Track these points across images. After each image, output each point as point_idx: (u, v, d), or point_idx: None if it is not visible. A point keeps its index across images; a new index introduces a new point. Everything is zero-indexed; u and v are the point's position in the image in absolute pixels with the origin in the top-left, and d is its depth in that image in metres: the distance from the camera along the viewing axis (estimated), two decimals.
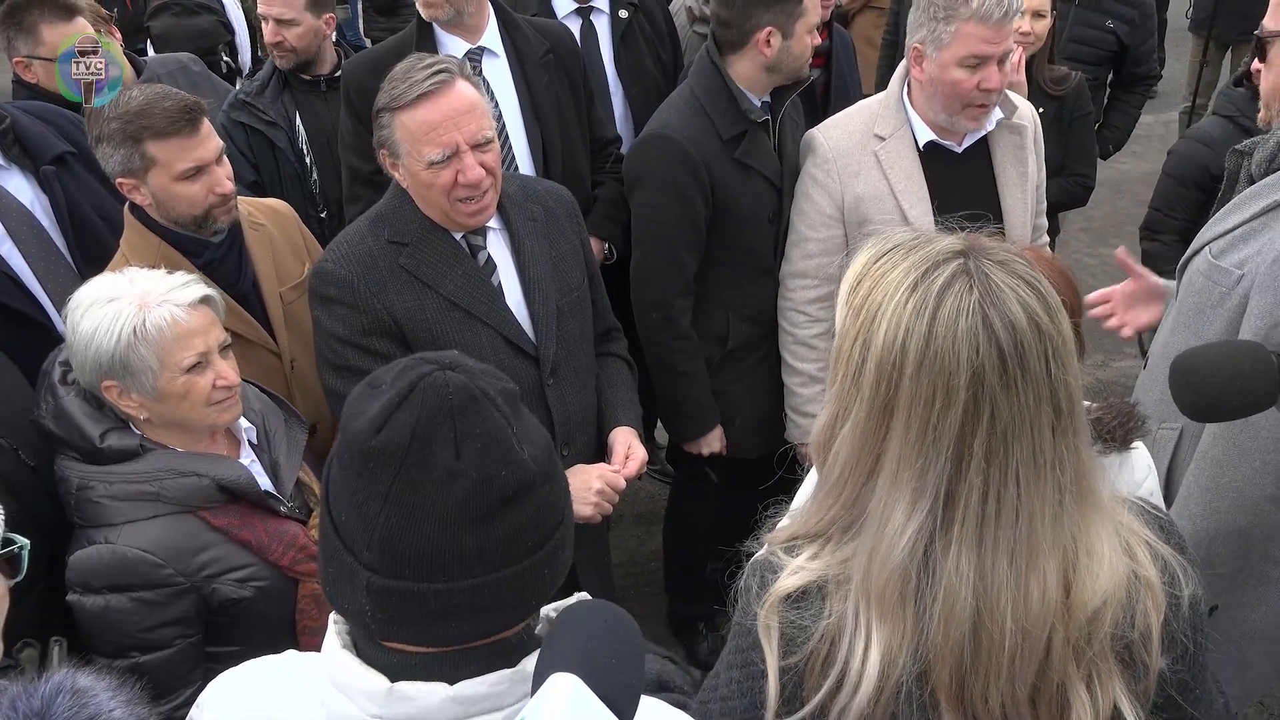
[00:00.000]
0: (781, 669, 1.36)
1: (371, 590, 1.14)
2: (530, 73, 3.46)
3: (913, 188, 3.00)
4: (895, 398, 1.29)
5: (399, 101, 2.42)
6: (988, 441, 1.26)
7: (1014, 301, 1.27)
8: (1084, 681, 1.32)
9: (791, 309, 3.25)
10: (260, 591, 2.27)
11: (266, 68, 3.85)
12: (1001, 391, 1.26)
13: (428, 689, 1.15)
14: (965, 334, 1.25)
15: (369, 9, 8.47)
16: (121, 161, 2.56)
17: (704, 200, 3.15)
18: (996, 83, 2.85)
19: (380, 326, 2.54)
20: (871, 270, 1.35)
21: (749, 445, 3.47)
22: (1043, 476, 1.29)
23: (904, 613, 1.30)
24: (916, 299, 1.28)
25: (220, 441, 2.37)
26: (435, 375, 1.16)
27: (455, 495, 1.11)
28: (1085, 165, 4.24)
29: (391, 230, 2.57)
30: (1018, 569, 1.28)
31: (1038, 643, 1.30)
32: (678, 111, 3.20)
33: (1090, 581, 1.30)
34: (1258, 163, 2.40)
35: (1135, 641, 1.34)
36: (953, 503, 1.28)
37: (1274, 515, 2.27)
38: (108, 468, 2.20)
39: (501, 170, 2.57)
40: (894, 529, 1.29)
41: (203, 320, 2.21)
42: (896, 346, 1.27)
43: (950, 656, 1.29)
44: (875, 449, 1.32)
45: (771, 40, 3.08)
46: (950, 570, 1.28)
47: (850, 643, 1.32)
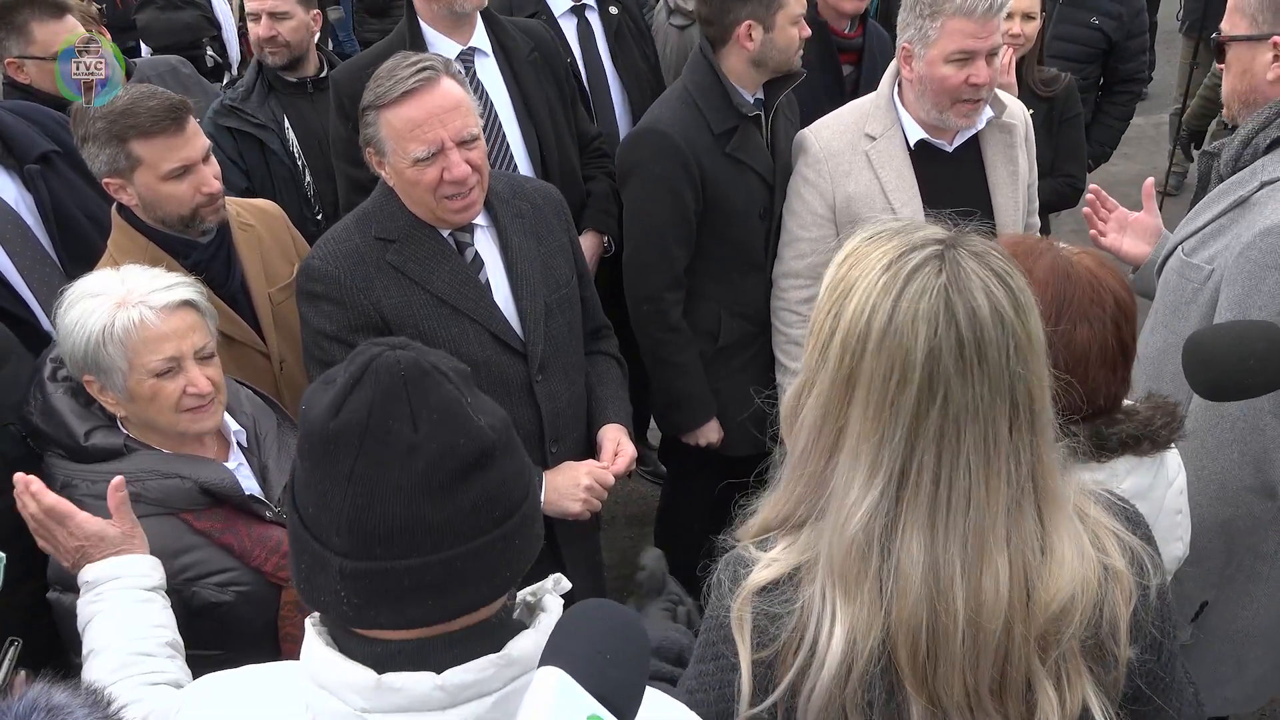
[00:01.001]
0: (754, 662, 1.37)
1: (345, 575, 1.13)
2: (520, 71, 3.48)
3: (904, 187, 3.01)
4: (857, 371, 1.31)
5: (384, 99, 2.42)
6: (940, 424, 1.29)
7: (980, 291, 1.29)
8: (1051, 680, 1.33)
9: (784, 309, 3.25)
10: (241, 596, 2.25)
11: (250, 72, 3.82)
12: (956, 376, 1.28)
13: (415, 679, 1.14)
14: (925, 313, 1.28)
15: (360, 10, 8.45)
16: (107, 161, 2.56)
17: (694, 194, 3.16)
18: (985, 78, 2.86)
19: (367, 323, 2.53)
20: (857, 249, 1.39)
21: (739, 443, 3.47)
22: (995, 469, 1.30)
23: (865, 591, 1.32)
24: (888, 278, 1.31)
25: (209, 443, 2.34)
26: (386, 354, 1.17)
27: (417, 468, 1.12)
28: (1075, 166, 4.24)
29: (379, 227, 2.57)
30: (969, 559, 1.30)
31: (990, 636, 1.31)
32: (670, 106, 3.21)
33: (1050, 582, 1.31)
34: (1225, 162, 2.45)
35: (1104, 633, 1.35)
36: (905, 480, 1.31)
37: (1256, 506, 2.29)
38: (92, 466, 2.19)
39: (489, 168, 2.58)
40: (852, 500, 1.32)
41: (178, 324, 2.17)
42: (862, 320, 1.31)
43: (906, 639, 1.31)
44: (837, 421, 1.34)
45: (753, 33, 3.08)
46: (904, 551, 1.30)
47: (818, 621, 1.33)
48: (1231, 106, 2.48)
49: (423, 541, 1.12)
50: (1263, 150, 2.35)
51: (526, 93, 3.46)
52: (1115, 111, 4.94)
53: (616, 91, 4.03)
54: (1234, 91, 2.44)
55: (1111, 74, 4.87)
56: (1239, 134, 2.41)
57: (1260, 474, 2.26)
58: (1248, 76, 2.39)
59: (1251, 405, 2.23)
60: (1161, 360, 2.45)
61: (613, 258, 3.67)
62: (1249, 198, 2.30)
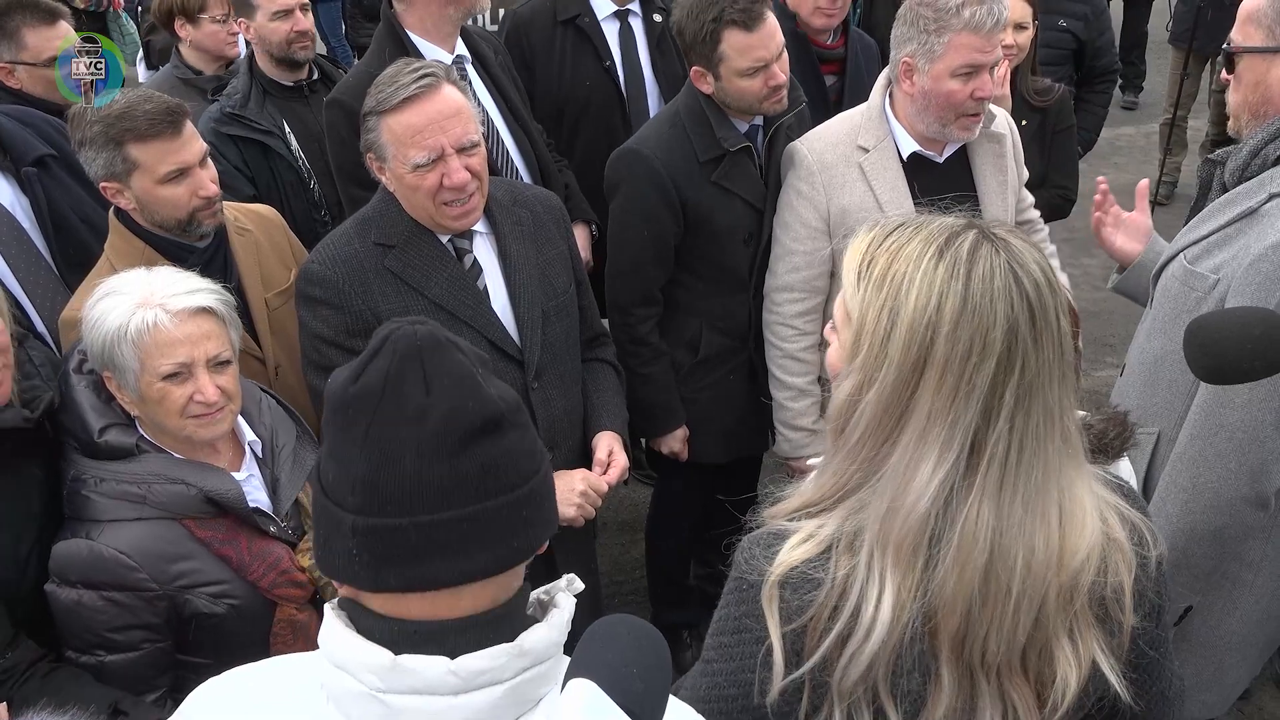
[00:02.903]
0: (784, 634, 1.40)
1: (356, 532, 1.18)
2: (496, 77, 3.50)
3: (897, 198, 3.02)
4: (928, 357, 1.36)
5: (385, 105, 2.43)
6: (1016, 392, 1.36)
7: (1032, 263, 1.38)
8: (1067, 633, 1.39)
9: (778, 323, 3.24)
10: (234, 610, 2.24)
11: (243, 79, 3.77)
12: (1032, 344, 1.36)
13: (430, 662, 1.17)
14: (1001, 290, 1.35)
15: (356, 14, 8.45)
16: (104, 165, 2.56)
17: (674, 219, 3.16)
18: (989, 91, 2.87)
19: (364, 327, 2.54)
20: (882, 247, 1.43)
21: (713, 452, 3.50)
22: (1053, 427, 1.38)
23: (917, 560, 1.36)
24: (946, 263, 1.37)
25: (223, 450, 2.34)
26: (404, 328, 1.22)
27: (427, 428, 1.16)
28: (1067, 178, 4.25)
29: (378, 232, 2.58)
30: (1030, 517, 1.37)
31: (1039, 591, 1.37)
32: (659, 128, 3.21)
33: (1076, 533, 1.39)
34: (1231, 171, 2.44)
35: (1109, 598, 1.41)
36: (978, 452, 1.36)
37: (1249, 515, 2.30)
38: (102, 463, 2.20)
39: (489, 175, 2.58)
40: (921, 481, 1.36)
41: (192, 330, 2.18)
42: (931, 308, 1.36)
43: (960, 603, 1.36)
44: (900, 409, 1.39)
45: (707, 80, 3.08)
46: (970, 518, 1.35)
47: (863, 591, 1.37)
48: (1239, 118, 2.46)
49: (432, 500, 1.16)
50: (1272, 161, 2.34)
51: (508, 98, 3.48)
52: (1096, 99, 5.04)
53: (653, 98, 4.04)
54: (1244, 103, 2.42)
55: (1088, 72, 4.95)
56: (1247, 144, 2.39)
57: (1256, 485, 2.27)
58: (1260, 88, 2.37)
59: (1253, 417, 2.24)
60: (1158, 367, 2.46)
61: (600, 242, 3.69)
62: (1258, 209, 2.29)
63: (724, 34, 2.97)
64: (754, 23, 2.97)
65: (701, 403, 3.41)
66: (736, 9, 2.95)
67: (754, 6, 2.97)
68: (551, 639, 1.24)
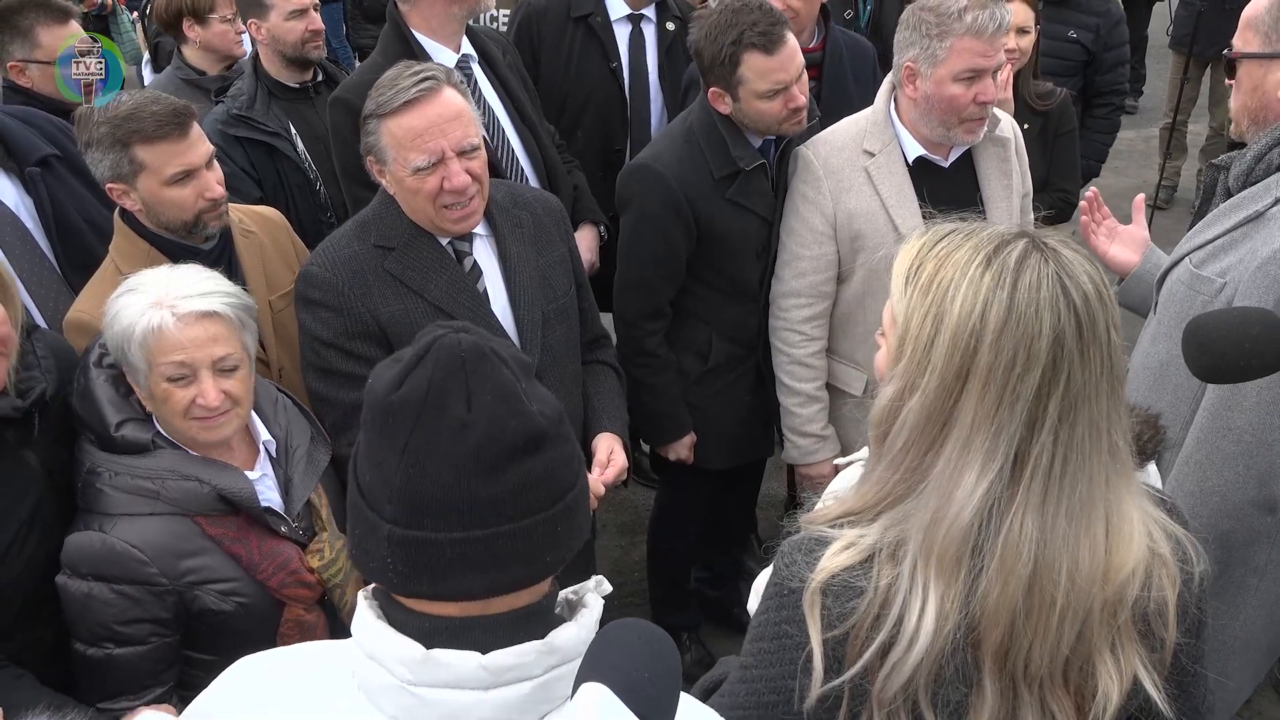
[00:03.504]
0: (825, 640, 1.39)
1: (392, 541, 1.19)
2: (503, 77, 3.50)
3: (904, 202, 3.02)
4: (971, 365, 1.35)
5: (386, 108, 2.44)
6: (1061, 405, 1.34)
7: (1083, 274, 1.37)
8: (1109, 649, 1.39)
9: (786, 329, 3.25)
10: (242, 608, 2.26)
11: (248, 81, 3.77)
12: (1078, 357, 1.34)
13: (461, 656, 1.18)
14: (1047, 301, 1.34)
15: (357, 16, 8.45)
16: (111, 166, 2.56)
17: (686, 235, 3.16)
18: (992, 95, 2.88)
19: (364, 330, 2.55)
20: (931, 252, 1.42)
21: (718, 458, 3.50)
22: (1100, 441, 1.37)
23: (959, 571, 1.36)
24: (993, 271, 1.36)
25: (237, 449, 2.35)
26: (449, 336, 1.22)
27: (467, 445, 1.16)
28: (1069, 181, 4.26)
29: (378, 235, 2.58)
30: (1074, 530, 1.36)
31: (1083, 604, 1.36)
32: (673, 143, 3.19)
33: (1123, 548, 1.38)
34: (1235, 176, 2.45)
35: (1152, 614, 1.40)
36: (1021, 464, 1.35)
37: (1257, 519, 2.31)
38: (117, 457, 2.21)
39: (489, 178, 2.59)
40: (965, 491, 1.35)
41: (198, 334, 2.18)
42: (975, 315, 1.35)
43: (1003, 616, 1.35)
44: (943, 417, 1.38)
45: (725, 100, 3.07)
46: (1014, 529, 1.34)
47: (906, 601, 1.37)
48: (1240, 123, 2.48)
49: (467, 516, 1.17)
50: (1276, 166, 2.35)
51: (515, 98, 3.48)
52: (1099, 125, 4.94)
53: (656, 104, 4.04)
54: (1244, 108, 2.44)
55: (1090, 86, 4.88)
56: (1251, 149, 2.41)
57: (1264, 489, 2.28)
58: (1259, 93, 2.39)
59: (1261, 421, 2.24)
60: (1164, 371, 2.47)
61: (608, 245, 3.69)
62: (1264, 213, 2.30)
63: (744, 57, 2.96)
64: (774, 46, 2.96)
65: (708, 410, 3.41)
66: (756, 32, 2.94)
67: (774, 29, 2.96)
68: (581, 638, 1.24)
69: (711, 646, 4.01)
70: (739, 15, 2.97)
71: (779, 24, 2.99)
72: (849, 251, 3.11)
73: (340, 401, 2.57)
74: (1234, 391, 2.27)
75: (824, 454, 3.32)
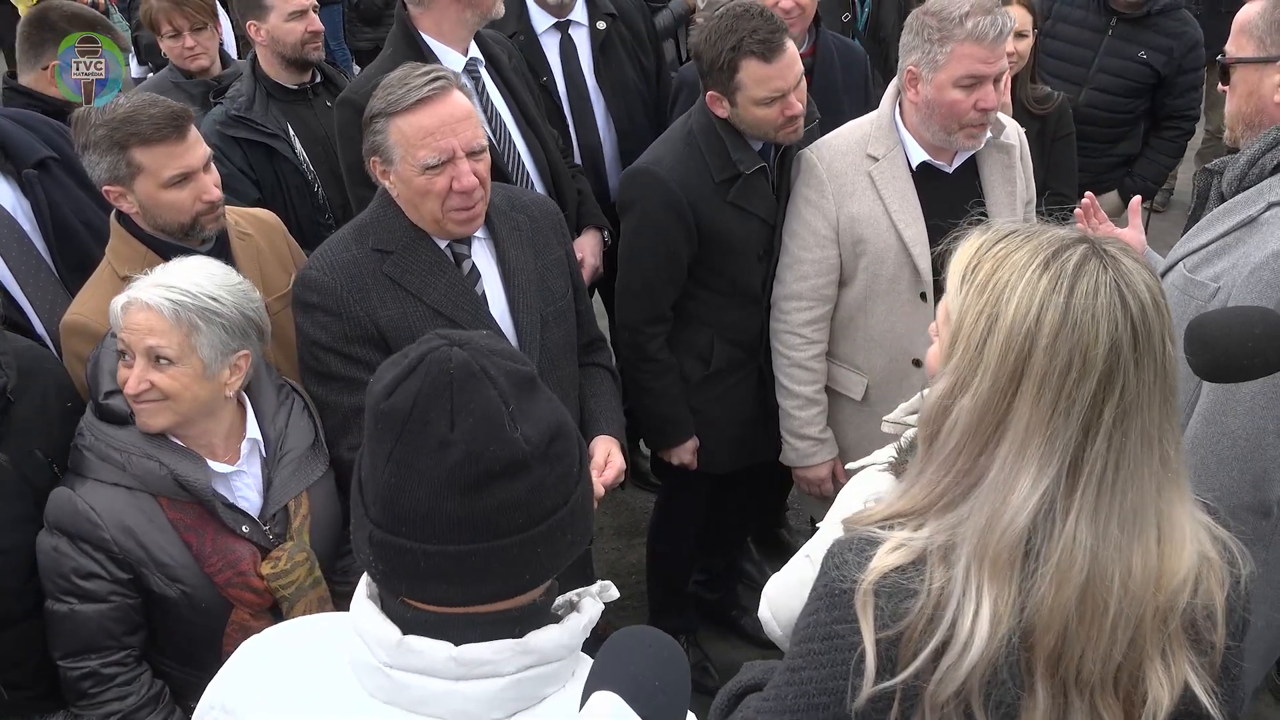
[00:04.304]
0: (878, 640, 1.39)
1: (373, 542, 1.23)
2: (510, 81, 3.50)
3: (907, 207, 3.02)
4: (1025, 368, 1.35)
5: (396, 107, 2.44)
6: (1115, 412, 1.34)
7: (1141, 283, 1.36)
8: (1160, 656, 1.39)
9: (786, 331, 3.24)
10: (185, 597, 2.30)
11: (247, 82, 3.77)
12: (1133, 366, 1.34)
13: (433, 646, 1.22)
14: (1104, 308, 1.33)
15: (354, 18, 8.44)
16: (108, 169, 2.56)
17: (688, 238, 3.16)
18: (993, 102, 2.87)
19: (362, 334, 2.55)
20: (991, 252, 1.42)
21: (720, 461, 3.50)
22: (1152, 450, 1.37)
23: (1012, 575, 1.36)
24: (1051, 275, 1.35)
25: (219, 441, 2.38)
26: (442, 350, 1.23)
27: (445, 464, 1.18)
28: (1066, 185, 4.25)
29: (376, 238, 2.58)
30: (1126, 538, 1.36)
31: (1136, 611, 1.36)
32: (674, 147, 3.19)
33: (1175, 556, 1.38)
34: (1228, 181, 2.46)
35: (1200, 618, 1.41)
36: (1077, 470, 1.35)
37: (1252, 523, 2.32)
38: (101, 425, 2.31)
39: (490, 181, 2.59)
40: (1020, 495, 1.35)
41: (138, 321, 2.24)
42: (1030, 318, 1.34)
43: (1056, 621, 1.35)
44: (997, 418, 1.38)
45: (723, 104, 3.07)
46: (1069, 535, 1.35)
47: (960, 604, 1.36)
48: (1235, 128, 2.49)
49: (443, 531, 1.19)
50: (1269, 170, 2.36)
51: (521, 102, 3.48)
52: (1163, 148, 4.81)
53: (599, 106, 4.03)
54: (1238, 113, 2.45)
55: (1159, 108, 4.73)
56: (1244, 154, 2.42)
57: (1259, 492, 2.28)
58: (1254, 98, 2.40)
59: (1256, 424, 2.25)
60: None
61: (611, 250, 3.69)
62: (1257, 217, 2.31)
63: (742, 63, 2.96)
64: (773, 54, 2.95)
65: (711, 413, 3.41)
66: (756, 39, 2.94)
67: (773, 37, 2.96)
68: (561, 641, 1.26)
69: (709, 649, 4.01)
70: (740, 21, 2.97)
71: (779, 32, 2.98)
72: (851, 256, 3.11)
73: (339, 406, 2.57)
74: (1228, 395, 2.27)
75: (821, 457, 3.32)
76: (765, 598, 2.17)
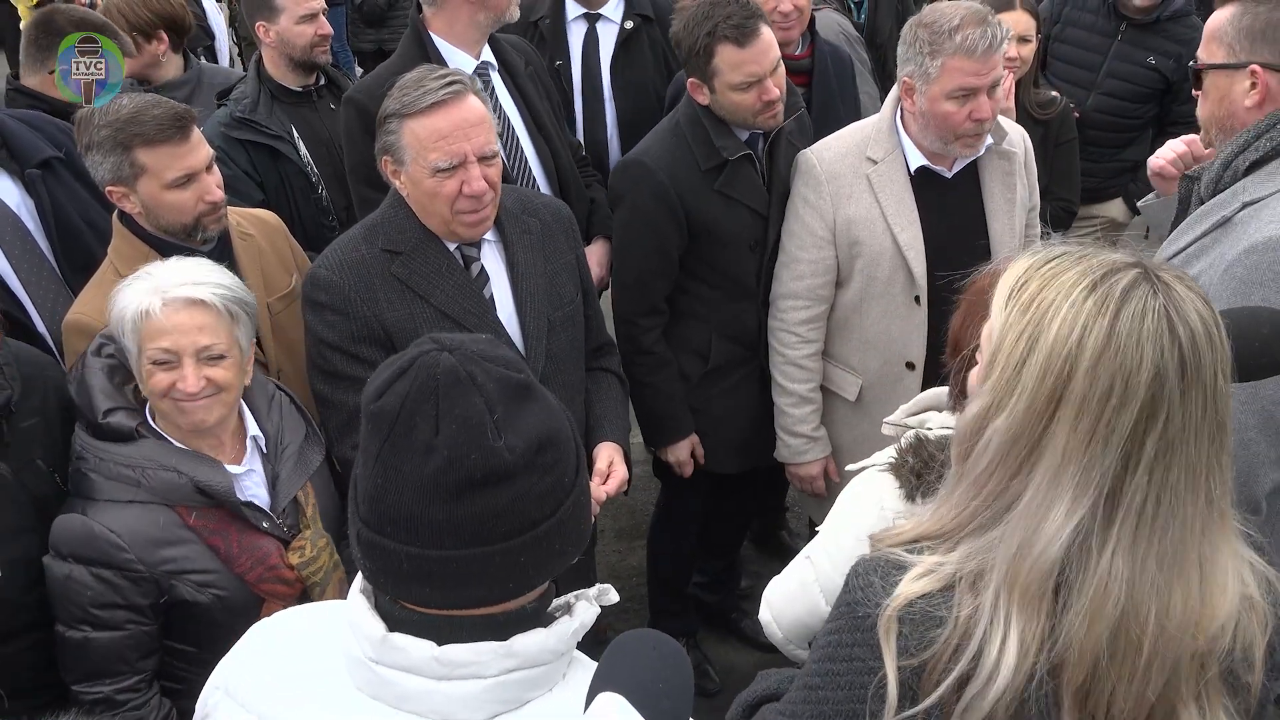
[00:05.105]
0: (900, 668, 1.36)
1: (360, 540, 1.25)
2: (522, 86, 3.50)
3: (904, 211, 3.03)
4: (1065, 391, 1.30)
5: (410, 108, 2.44)
6: (1159, 444, 1.29)
7: (1193, 312, 1.30)
8: (1195, 700, 1.34)
9: (783, 330, 3.26)
10: (219, 600, 2.29)
11: (251, 84, 3.76)
12: (1179, 397, 1.29)
13: (416, 644, 1.23)
14: (1150, 334, 1.28)
15: (357, 20, 8.45)
16: (111, 169, 2.56)
17: (678, 229, 3.18)
18: (987, 112, 2.88)
19: (369, 334, 2.55)
20: (1039, 272, 1.37)
21: (726, 462, 3.50)
22: (1197, 487, 1.32)
23: (1042, 606, 1.32)
24: (1097, 298, 1.30)
25: (227, 442, 2.38)
26: (431, 354, 1.23)
27: (428, 469, 1.18)
28: (1069, 190, 4.26)
29: (386, 239, 2.58)
30: (1165, 576, 1.31)
31: (1173, 653, 1.31)
32: (661, 139, 3.23)
33: (1219, 599, 1.33)
34: (1205, 185, 2.49)
35: (1239, 662, 1.36)
36: (1114, 502, 1.30)
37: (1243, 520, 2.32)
38: (104, 444, 2.26)
39: (501, 185, 2.59)
40: (1054, 524, 1.31)
41: (183, 320, 2.23)
42: (1072, 340, 1.29)
43: (1088, 656, 1.31)
44: (1032, 442, 1.33)
45: (703, 91, 3.10)
46: (1104, 568, 1.30)
47: (987, 633, 1.32)
48: (1209, 131, 2.52)
49: (426, 535, 1.20)
50: (1242, 172, 2.38)
51: (533, 107, 3.49)
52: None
53: (609, 103, 4.06)
54: (1211, 117, 2.48)
55: (1167, 114, 4.71)
56: (1218, 157, 2.44)
57: (1244, 489, 2.29)
58: (1225, 103, 2.43)
59: (1238, 422, 2.25)
60: None
61: None
62: (1231, 218, 2.34)
63: (717, 48, 3.00)
64: (747, 38, 2.99)
65: (713, 411, 3.42)
66: (730, 24, 2.98)
67: (748, 22, 2.99)
68: (547, 645, 1.26)
69: (708, 651, 4.01)
70: (715, 8, 3.01)
71: (754, 17, 3.02)
72: (847, 257, 3.12)
73: (344, 404, 2.57)
74: None
75: (813, 455, 3.34)
76: (766, 600, 2.16)
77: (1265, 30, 2.34)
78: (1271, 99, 2.36)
